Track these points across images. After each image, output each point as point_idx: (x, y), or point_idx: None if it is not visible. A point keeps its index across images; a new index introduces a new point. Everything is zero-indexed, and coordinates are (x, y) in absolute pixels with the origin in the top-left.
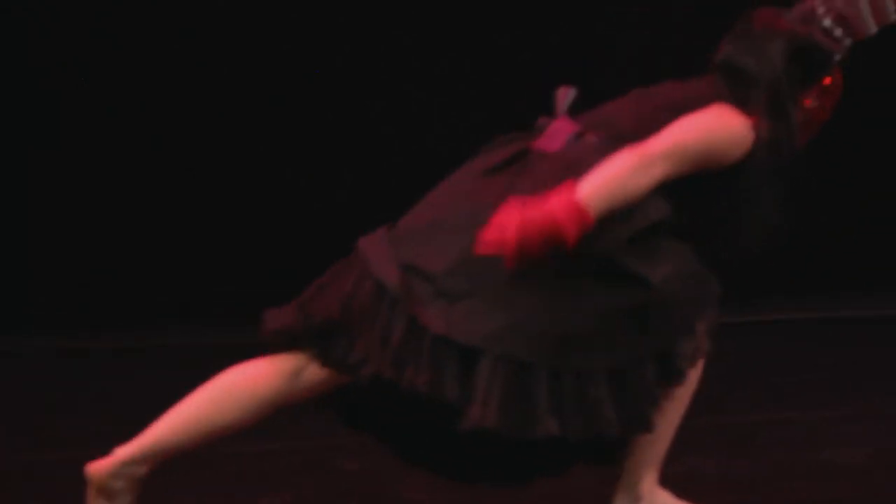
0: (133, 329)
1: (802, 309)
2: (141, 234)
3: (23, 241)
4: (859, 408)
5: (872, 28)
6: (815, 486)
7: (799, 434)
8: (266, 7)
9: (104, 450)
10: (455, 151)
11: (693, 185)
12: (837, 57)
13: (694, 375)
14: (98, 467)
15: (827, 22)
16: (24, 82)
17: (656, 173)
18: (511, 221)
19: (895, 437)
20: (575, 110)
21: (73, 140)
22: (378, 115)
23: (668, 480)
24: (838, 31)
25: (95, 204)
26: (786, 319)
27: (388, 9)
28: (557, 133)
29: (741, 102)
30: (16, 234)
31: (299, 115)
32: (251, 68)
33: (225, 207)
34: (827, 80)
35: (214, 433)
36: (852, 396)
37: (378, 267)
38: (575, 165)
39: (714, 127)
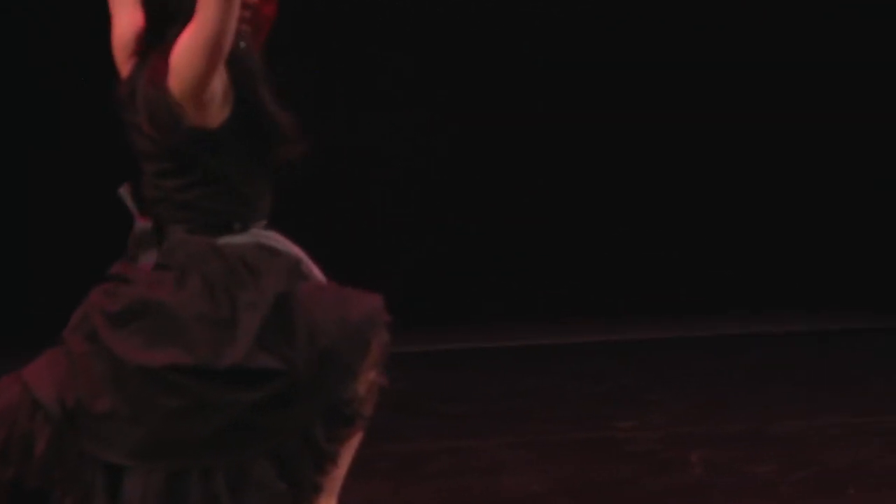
0: None
1: (476, 338)
2: None
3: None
4: (531, 435)
5: None
6: None
7: (477, 462)
8: None
9: None
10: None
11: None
12: None
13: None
14: None
15: None
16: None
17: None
18: None
19: (568, 464)
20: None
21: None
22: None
23: None
24: None
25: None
26: (460, 349)
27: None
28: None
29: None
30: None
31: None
32: None
33: None
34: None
35: None
36: (523, 424)
37: (38, 387)
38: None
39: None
